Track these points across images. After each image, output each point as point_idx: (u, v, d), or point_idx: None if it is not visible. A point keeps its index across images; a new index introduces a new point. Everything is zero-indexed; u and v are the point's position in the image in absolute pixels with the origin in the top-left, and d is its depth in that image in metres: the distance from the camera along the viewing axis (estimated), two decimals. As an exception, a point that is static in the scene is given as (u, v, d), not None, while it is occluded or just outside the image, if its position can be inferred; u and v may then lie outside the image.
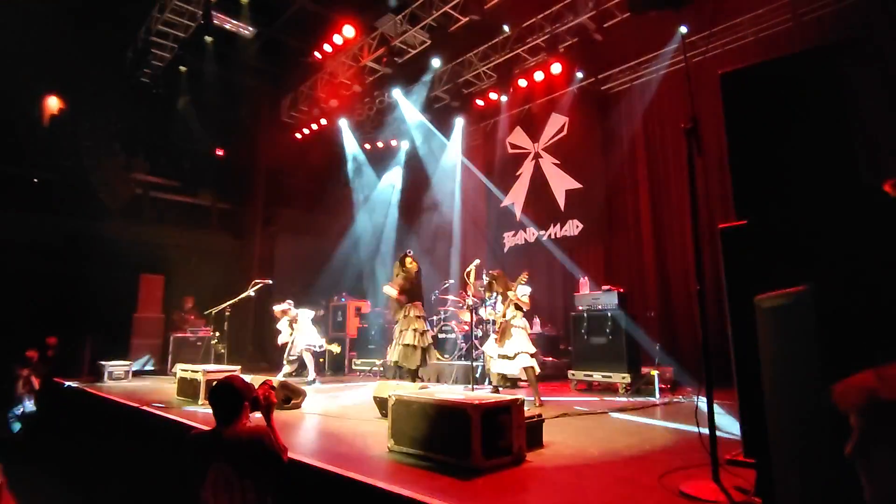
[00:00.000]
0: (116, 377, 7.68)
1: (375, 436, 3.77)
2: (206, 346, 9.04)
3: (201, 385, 5.48)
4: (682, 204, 7.62)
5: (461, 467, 2.85)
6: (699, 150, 2.58)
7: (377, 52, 9.49)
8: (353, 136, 12.09)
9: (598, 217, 8.88)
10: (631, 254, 8.29)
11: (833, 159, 2.38)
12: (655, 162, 8.15)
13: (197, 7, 8.89)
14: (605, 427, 4.21)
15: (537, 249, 9.76)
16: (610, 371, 6.26)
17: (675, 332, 7.44)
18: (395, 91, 10.64)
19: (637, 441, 3.66)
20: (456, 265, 10.43)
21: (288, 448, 2.68)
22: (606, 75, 8.98)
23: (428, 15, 8.59)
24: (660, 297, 7.77)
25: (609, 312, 6.48)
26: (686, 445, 3.43)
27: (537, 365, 5.39)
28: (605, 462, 3.16)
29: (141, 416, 4.93)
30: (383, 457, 3.24)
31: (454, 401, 3.05)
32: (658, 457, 3.23)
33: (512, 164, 10.45)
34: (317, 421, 4.65)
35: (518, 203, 10.32)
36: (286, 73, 11.61)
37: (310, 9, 9.70)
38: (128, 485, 4.79)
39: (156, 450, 4.51)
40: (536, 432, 3.48)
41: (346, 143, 12.17)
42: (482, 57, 9.77)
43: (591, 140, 9.20)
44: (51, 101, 11.61)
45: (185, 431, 4.17)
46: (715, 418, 2.51)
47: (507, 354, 5.28)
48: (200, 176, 12.40)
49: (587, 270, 7.84)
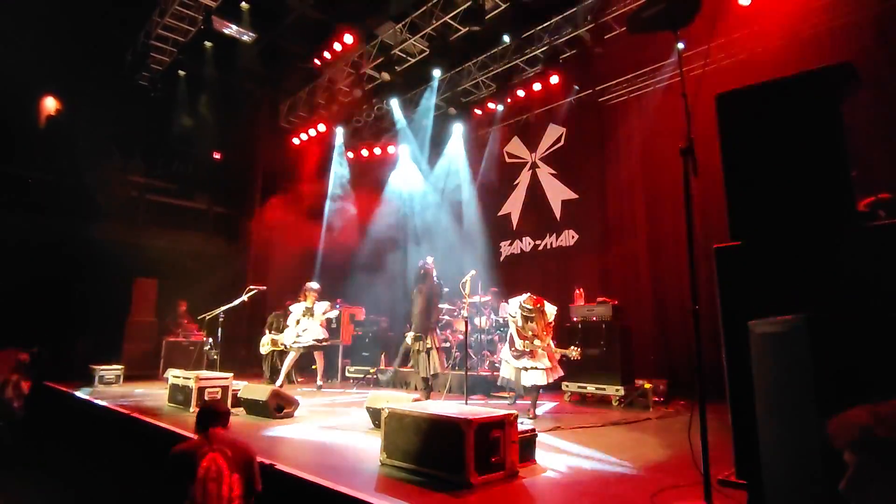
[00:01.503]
0: (107, 381, 7.62)
1: (368, 449, 3.75)
2: (198, 351, 8.99)
3: (193, 392, 5.43)
4: (678, 217, 7.65)
5: (454, 482, 2.84)
6: (695, 170, 2.59)
7: (377, 60, 9.52)
8: (350, 142, 12.12)
9: (594, 228, 8.90)
10: (626, 265, 8.31)
11: (828, 184, 2.40)
12: (652, 174, 8.19)
13: (197, 12, 8.89)
14: (599, 441, 4.20)
15: (533, 259, 9.78)
16: (604, 383, 6.26)
17: (669, 345, 7.46)
18: (393, 99, 10.69)
19: (630, 457, 3.65)
20: (451, 274, 10.41)
21: (274, 462, 2.73)
22: (604, 87, 9.03)
23: (428, 25, 8.63)
24: (654, 310, 7.78)
25: (603, 324, 6.49)
26: (679, 462, 3.43)
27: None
28: (597, 478, 3.15)
29: (131, 422, 4.88)
30: (375, 470, 3.23)
31: (447, 415, 3.04)
32: (651, 474, 3.23)
33: (509, 174, 10.48)
34: (308, 431, 4.61)
35: (515, 212, 10.34)
36: (285, 78, 11.63)
37: (310, 16, 9.72)
38: (118, 489, 4.73)
39: (144, 455, 4.47)
40: (530, 447, 3.48)
41: (342, 149, 12.18)
42: (481, 67, 9.82)
43: (589, 151, 9.24)
44: (48, 102, 11.57)
45: (171, 440, 4.13)
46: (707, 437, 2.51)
47: (536, 366, 5.40)
48: (197, 179, 12.37)
49: (582, 281, 7.83)
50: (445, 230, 11.12)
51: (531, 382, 5.39)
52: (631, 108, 8.69)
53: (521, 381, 5.47)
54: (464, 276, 5.97)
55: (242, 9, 8.99)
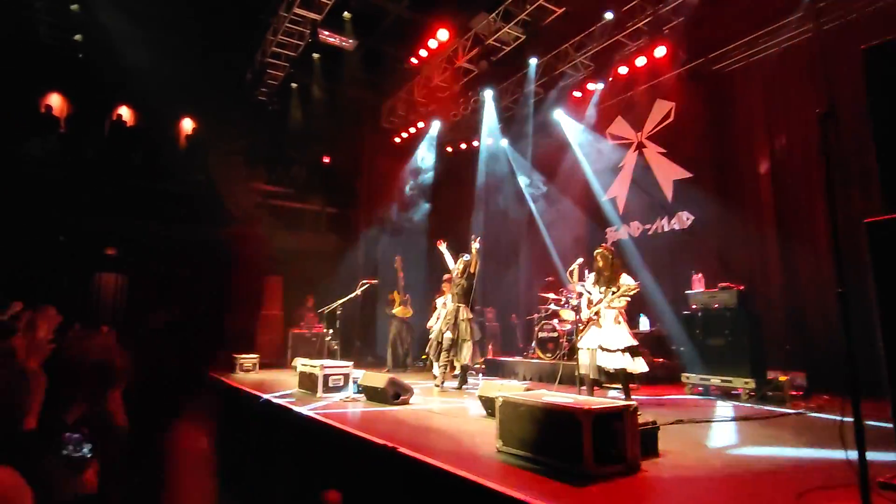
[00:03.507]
0: (246, 369, 8.50)
1: (483, 435, 3.83)
2: (320, 342, 9.73)
3: (319, 378, 5.91)
4: (810, 191, 6.83)
5: (572, 473, 2.81)
6: (836, 138, 2.31)
7: (471, 52, 9.58)
8: (448, 135, 12.32)
9: (712, 208, 8.22)
10: (751, 247, 7.56)
11: None
12: (778, 145, 7.38)
13: (305, 27, 9.55)
14: (727, 437, 3.92)
15: (642, 244, 9.27)
16: (730, 375, 5.80)
17: (806, 333, 6.68)
18: (488, 90, 10.68)
19: (768, 454, 3.37)
20: (555, 261, 10.22)
21: (397, 446, 2.86)
22: (718, 53, 8.27)
23: (521, 10, 8.51)
24: (786, 294, 7.01)
25: (727, 311, 6.01)
26: (825, 463, 3.10)
27: (640, 364, 5.18)
28: (730, 475, 2.95)
29: (269, 406, 5.43)
30: (493, 457, 3.29)
31: (563, 405, 3.01)
32: (793, 473, 2.95)
33: (613, 156, 10.02)
34: (425, 417, 4.81)
35: (621, 196, 9.88)
36: (385, 80, 12.13)
37: (406, 16, 10.03)
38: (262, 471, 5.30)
39: (282, 437, 4.95)
40: (651, 440, 3.34)
41: (442, 143, 12.42)
42: (578, 47, 9.49)
43: (702, 125, 8.54)
44: (185, 123, 13.15)
45: (310, 423, 4.54)
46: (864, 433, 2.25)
47: (608, 347, 5.13)
48: (310, 183, 13.35)
49: (700, 266, 7.30)
50: (545, 217, 10.94)
51: (612, 364, 5.18)
52: (751, 74, 7.89)
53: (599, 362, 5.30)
54: (570, 265, 5.84)
55: (345, 18, 9.49)
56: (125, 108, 12.38)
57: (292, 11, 9.11)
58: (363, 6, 9.77)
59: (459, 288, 6.76)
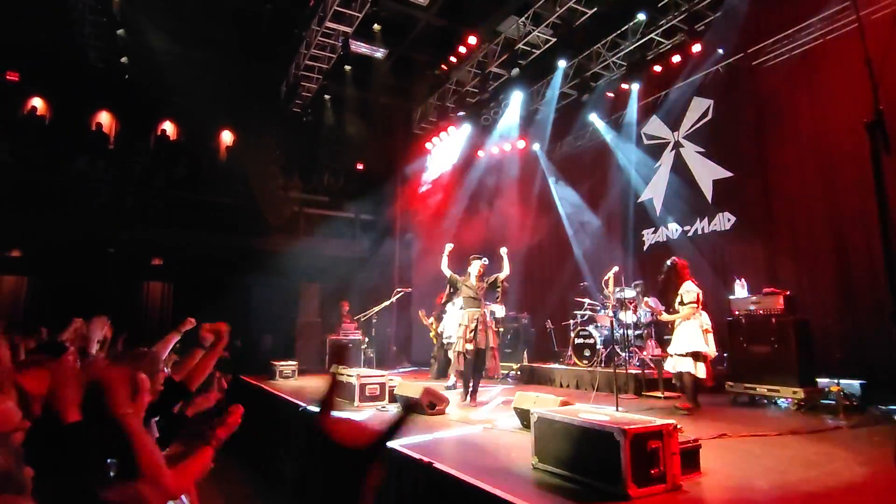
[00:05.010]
0: (285, 375, 8.68)
1: (518, 449, 3.79)
2: (356, 348, 9.87)
3: (356, 388, 5.95)
4: (865, 193, 6.47)
5: (611, 493, 2.76)
6: (886, 148, 2.19)
7: (501, 57, 9.54)
8: (479, 140, 12.30)
9: (755, 209, 7.92)
10: (798, 251, 7.23)
11: None
12: (826, 141, 7.03)
13: (336, 39, 9.72)
14: (774, 453, 3.76)
15: (681, 247, 8.99)
16: (777, 384, 5.57)
17: (860, 341, 6.34)
18: (517, 91, 10.59)
19: (816, 474, 3.21)
20: (591, 265, 10.06)
21: (433, 461, 2.90)
22: (758, 48, 7.96)
23: (552, 13, 8.42)
24: (838, 301, 6.67)
25: (773, 318, 5.77)
26: (883, 483, 2.94)
27: (700, 370, 5.09)
28: (777, 498, 2.83)
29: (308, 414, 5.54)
30: (529, 474, 3.25)
31: (600, 423, 2.96)
32: (845, 495, 2.81)
33: (649, 156, 9.78)
34: (460, 429, 4.78)
35: (657, 197, 9.63)
36: (415, 87, 12.22)
37: (435, 24, 10.08)
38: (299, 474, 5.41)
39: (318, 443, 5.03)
40: (692, 456, 3.24)
41: (473, 148, 12.40)
42: (611, 47, 9.33)
43: (743, 122, 8.24)
44: (225, 136, 13.59)
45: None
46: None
47: (674, 352, 5.34)
48: (345, 191, 13.57)
49: (743, 270, 7.03)
50: (580, 220, 10.78)
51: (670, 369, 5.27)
52: (794, 68, 7.56)
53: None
54: (605, 273, 5.74)
55: (375, 29, 9.61)
56: (169, 122, 12.91)
57: (324, 25, 9.30)
58: (393, 15, 9.87)
59: (479, 292, 6.42)
